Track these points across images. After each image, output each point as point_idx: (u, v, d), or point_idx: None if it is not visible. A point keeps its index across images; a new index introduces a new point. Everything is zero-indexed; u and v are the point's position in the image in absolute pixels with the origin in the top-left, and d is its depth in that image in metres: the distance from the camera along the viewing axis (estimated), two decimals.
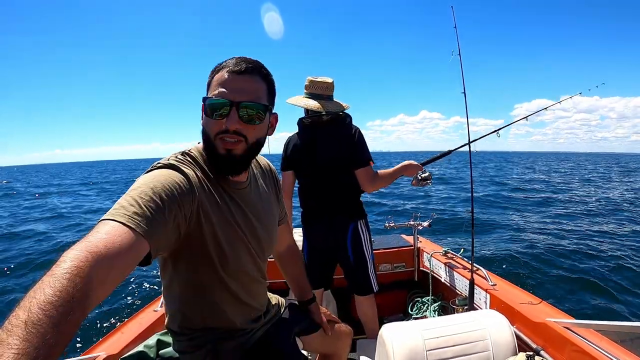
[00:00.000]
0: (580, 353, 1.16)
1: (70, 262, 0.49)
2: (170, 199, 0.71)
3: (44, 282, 0.46)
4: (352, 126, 1.83)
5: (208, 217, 0.81)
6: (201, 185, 0.81)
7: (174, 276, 0.86)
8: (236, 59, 0.83)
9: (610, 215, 8.81)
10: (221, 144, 0.81)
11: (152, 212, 0.66)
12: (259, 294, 1.02)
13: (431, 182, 1.93)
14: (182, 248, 0.79)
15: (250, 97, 0.81)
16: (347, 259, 1.87)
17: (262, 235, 0.95)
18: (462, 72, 1.94)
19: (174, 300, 0.91)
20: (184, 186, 0.75)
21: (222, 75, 0.80)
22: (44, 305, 0.43)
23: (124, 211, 0.63)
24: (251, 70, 0.81)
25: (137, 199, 0.66)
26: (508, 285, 1.74)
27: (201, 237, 0.81)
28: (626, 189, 14.45)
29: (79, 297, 0.46)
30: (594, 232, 6.95)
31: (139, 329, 1.46)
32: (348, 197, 1.85)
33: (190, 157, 0.85)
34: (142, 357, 1.04)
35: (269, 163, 1.11)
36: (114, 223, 0.60)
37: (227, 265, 0.86)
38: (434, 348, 1.16)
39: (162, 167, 0.79)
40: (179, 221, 0.73)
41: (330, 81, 1.81)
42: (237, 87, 0.80)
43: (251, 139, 0.84)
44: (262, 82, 0.84)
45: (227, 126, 0.79)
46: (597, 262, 5.10)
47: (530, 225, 7.74)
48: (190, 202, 0.76)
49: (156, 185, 0.70)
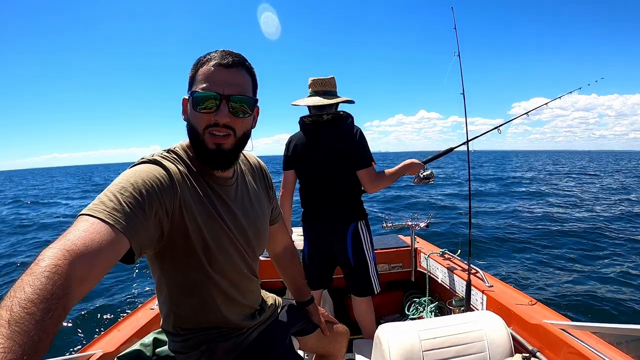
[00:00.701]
0: (576, 355, 1.16)
1: (49, 260, 0.50)
2: (151, 194, 0.70)
3: (24, 280, 0.47)
4: (354, 126, 1.82)
5: (191, 212, 0.81)
6: (184, 180, 0.81)
7: (162, 276, 0.86)
8: (221, 52, 0.82)
9: (610, 216, 8.85)
10: (210, 138, 0.81)
11: (132, 208, 0.65)
12: (251, 292, 1.01)
13: (433, 180, 1.92)
14: (167, 246, 0.79)
15: (239, 91, 0.81)
16: (347, 260, 1.85)
17: (249, 231, 0.94)
18: (462, 73, 1.94)
19: (165, 301, 0.90)
20: (165, 181, 0.75)
21: (208, 69, 0.79)
22: (24, 303, 0.44)
23: (102, 207, 0.62)
24: (238, 64, 0.81)
25: (117, 194, 0.65)
26: (505, 287, 1.75)
27: (185, 233, 0.80)
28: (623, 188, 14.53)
29: (59, 295, 0.47)
30: (593, 233, 6.98)
31: (136, 327, 1.46)
32: (348, 197, 1.84)
33: (175, 153, 0.85)
34: (139, 355, 1.04)
35: (259, 160, 1.11)
36: (92, 219, 0.60)
37: (214, 261, 0.86)
38: (430, 349, 1.16)
39: (144, 163, 0.78)
40: (160, 217, 0.73)
41: (328, 77, 1.82)
42: (225, 80, 0.79)
43: (239, 132, 0.84)
44: (247, 75, 0.84)
45: (217, 119, 0.79)
46: (595, 264, 5.12)
47: (529, 226, 7.76)
48: (171, 198, 0.76)
49: (137, 181, 0.70)
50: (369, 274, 1.86)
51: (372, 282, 1.87)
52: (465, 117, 2.04)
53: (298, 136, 1.89)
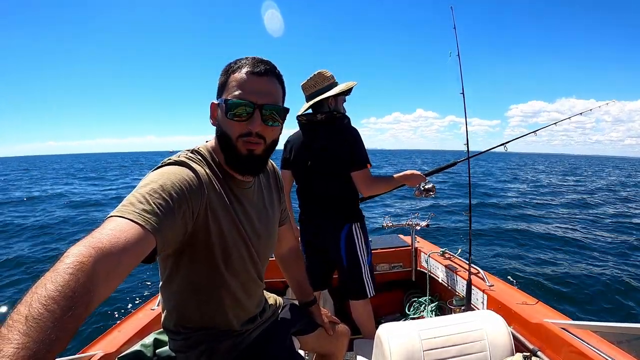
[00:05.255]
0: (577, 354, 1.16)
1: (74, 257, 0.49)
2: (180, 196, 0.70)
3: (46, 277, 0.46)
4: (350, 127, 1.78)
5: (215, 215, 0.81)
6: (211, 183, 0.82)
7: (174, 273, 0.86)
8: (252, 59, 0.82)
9: (609, 216, 8.85)
10: (244, 145, 0.81)
11: (161, 209, 0.65)
12: (256, 295, 1.02)
13: (434, 193, 1.89)
14: (187, 245, 0.79)
15: (272, 100, 0.81)
16: (340, 262, 1.82)
17: (263, 235, 0.96)
18: (461, 73, 1.93)
19: (172, 298, 0.91)
20: (193, 184, 0.75)
21: (241, 77, 0.80)
22: (44, 300, 0.43)
23: (132, 208, 0.63)
24: (270, 72, 0.82)
25: (146, 195, 0.66)
26: (505, 286, 1.75)
27: (207, 235, 0.81)
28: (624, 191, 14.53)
29: (81, 293, 0.46)
30: (592, 233, 6.98)
31: (136, 327, 1.45)
32: (343, 198, 1.81)
33: (200, 155, 0.86)
34: (139, 356, 1.04)
35: (272, 163, 1.11)
36: (120, 220, 0.60)
37: (230, 263, 0.87)
38: (431, 348, 1.16)
39: (172, 164, 0.79)
40: (187, 218, 0.73)
41: (313, 75, 1.74)
42: (259, 89, 0.80)
43: (269, 140, 0.85)
44: (278, 84, 0.85)
45: (251, 129, 0.79)
46: (594, 263, 5.12)
47: (528, 226, 7.76)
48: (199, 200, 0.76)
49: (166, 183, 0.70)
50: (362, 277, 1.82)
51: (365, 285, 1.82)
52: (465, 117, 2.04)
53: (296, 136, 1.87)
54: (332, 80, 1.76)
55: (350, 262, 1.81)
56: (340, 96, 1.79)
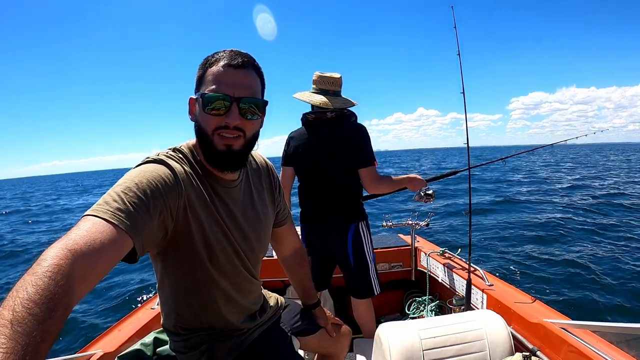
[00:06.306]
0: (576, 354, 1.16)
1: (51, 260, 0.50)
2: (155, 194, 0.70)
3: (26, 280, 0.47)
4: (357, 124, 1.79)
5: (195, 213, 0.80)
6: (189, 180, 0.81)
7: (164, 275, 0.86)
8: (229, 52, 0.81)
9: (609, 214, 8.84)
10: (220, 139, 0.80)
11: (136, 207, 0.65)
12: (252, 293, 1.01)
13: (434, 199, 1.93)
14: (170, 245, 0.79)
15: (250, 93, 0.80)
16: (347, 261, 1.82)
17: (249, 234, 0.94)
18: (462, 72, 1.93)
19: (168, 300, 0.90)
20: (169, 181, 0.75)
21: (217, 69, 0.78)
22: (27, 303, 0.44)
23: (107, 207, 0.63)
24: (248, 65, 0.80)
25: (121, 194, 0.65)
26: (505, 286, 1.75)
27: (188, 233, 0.80)
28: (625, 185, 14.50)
29: (61, 294, 0.47)
30: (591, 233, 6.97)
31: (136, 326, 1.46)
32: (349, 197, 1.81)
33: (181, 153, 0.85)
34: (139, 355, 1.04)
35: (266, 160, 1.09)
36: (95, 219, 0.60)
37: (217, 263, 0.86)
38: (430, 348, 1.16)
39: (150, 162, 0.78)
40: (165, 217, 0.72)
41: (337, 76, 1.76)
42: (236, 82, 0.78)
43: (249, 134, 0.83)
44: (257, 76, 0.83)
45: (228, 122, 0.78)
46: (594, 262, 5.12)
47: (528, 226, 7.76)
48: (176, 197, 0.75)
49: (141, 180, 0.70)
50: (369, 275, 1.84)
51: (372, 283, 1.85)
52: (465, 116, 2.04)
53: (299, 133, 1.84)
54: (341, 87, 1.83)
55: (358, 262, 1.82)
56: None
